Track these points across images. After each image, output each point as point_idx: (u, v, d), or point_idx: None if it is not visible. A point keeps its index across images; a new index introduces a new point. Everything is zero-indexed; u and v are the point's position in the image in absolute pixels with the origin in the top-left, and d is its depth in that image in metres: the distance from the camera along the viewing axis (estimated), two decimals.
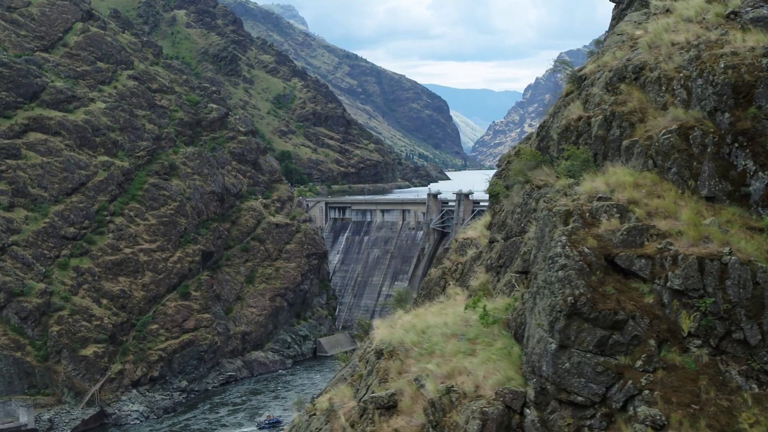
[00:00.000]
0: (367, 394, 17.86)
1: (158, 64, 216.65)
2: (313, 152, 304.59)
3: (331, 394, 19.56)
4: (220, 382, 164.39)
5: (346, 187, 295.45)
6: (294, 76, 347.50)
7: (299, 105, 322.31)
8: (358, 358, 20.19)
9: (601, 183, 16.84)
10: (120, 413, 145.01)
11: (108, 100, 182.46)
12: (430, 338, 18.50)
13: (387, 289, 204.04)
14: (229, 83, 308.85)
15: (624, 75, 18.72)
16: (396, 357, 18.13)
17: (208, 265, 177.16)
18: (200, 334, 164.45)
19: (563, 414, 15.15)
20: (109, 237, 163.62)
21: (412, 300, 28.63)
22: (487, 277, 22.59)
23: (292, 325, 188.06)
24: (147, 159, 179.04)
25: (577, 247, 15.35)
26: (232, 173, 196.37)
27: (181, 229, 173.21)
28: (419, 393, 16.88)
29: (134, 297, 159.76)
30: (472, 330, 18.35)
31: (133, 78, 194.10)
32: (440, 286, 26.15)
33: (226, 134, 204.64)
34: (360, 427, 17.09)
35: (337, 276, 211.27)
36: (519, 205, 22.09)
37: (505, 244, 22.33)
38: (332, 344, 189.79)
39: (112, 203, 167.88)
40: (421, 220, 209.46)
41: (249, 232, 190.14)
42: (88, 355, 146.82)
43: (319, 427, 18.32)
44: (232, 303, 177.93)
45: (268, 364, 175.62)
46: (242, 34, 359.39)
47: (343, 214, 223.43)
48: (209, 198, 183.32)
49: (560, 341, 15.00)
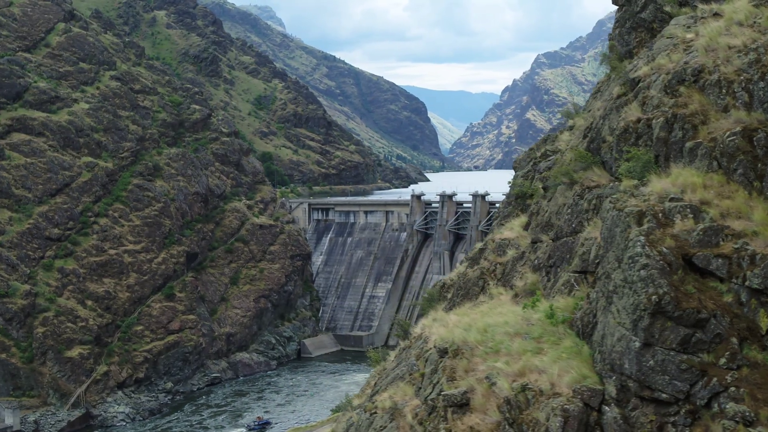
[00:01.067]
0: (433, 392, 18.04)
1: (140, 64, 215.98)
2: (294, 153, 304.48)
3: (389, 392, 19.71)
4: (206, 384, 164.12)
5: (327, 188, 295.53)
6: (274, 77, 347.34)
7: (280, 106, 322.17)
8: (415, 357, 20.34)
9: (668, 184, 17.10)
10: (106, 415, 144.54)
11: (91, 101, 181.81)
12: (493, 337, 18.70)
13: (370, 291, 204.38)
14: (210, 84, 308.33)
15: (683, 78, 19.00)
16: (461, 356, 18.32)
17: (193, 266, 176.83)
18: (185, 335, 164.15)
19: (645, 411, 15.39)
20: (93, 238, 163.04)
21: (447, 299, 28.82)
22: (535, 277, 22.82)
23: (276, 327, 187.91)
24: (131, 160, 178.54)
25: (656, 246, 15.60)
26: (216, 174, 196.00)
27: (165, 231, 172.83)
28: (491, 391, 17.07)
29: (119, 298, 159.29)
30: (535, 329, 18.58)
31: (116, 79, 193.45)
32: (479, 286, 26.35)
33: (209, 135, 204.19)
34: (431, 425, 17.26)
35: (320, 277, 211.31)
36: (569, 206, 22.31)
37: (555, 244, 22.55)
38: (316, 345, 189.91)
39: (96, 204, 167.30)
40: (404, 221, 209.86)
41: (233, 234, 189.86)
42: (73, 356, 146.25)
43: (384, 425, 18.46)
44: (217, 304, 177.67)
45: (253, 365, 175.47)
46: (222, 35, 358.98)
47: (326, 215, 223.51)
48: (193, 199, 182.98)
49: (644, 339, 15.25)
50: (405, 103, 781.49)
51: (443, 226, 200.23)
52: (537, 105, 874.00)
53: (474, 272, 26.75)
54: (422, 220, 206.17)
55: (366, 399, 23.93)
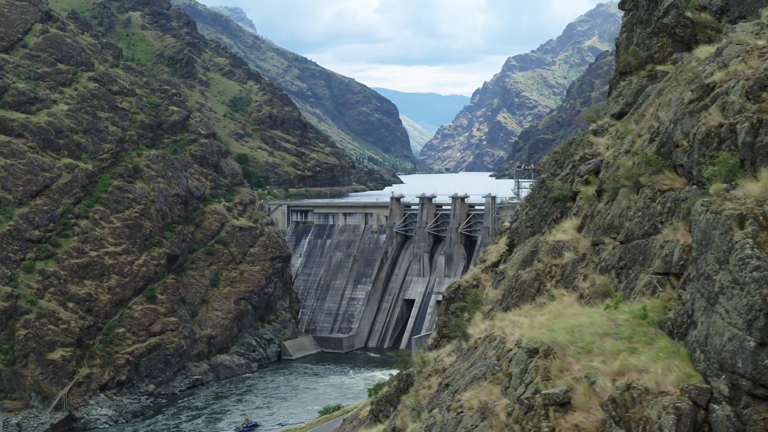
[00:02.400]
0: (527, 391, 18.34)
1: (118, 66, 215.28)
2: (269, 155, 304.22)
3: (473, 392, 19.99)
4: (187, 386, 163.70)
5: (303, 190, 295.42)
6: (249, 79, 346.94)
7: (255, 108, 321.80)
8: (496, 357, 20.63)
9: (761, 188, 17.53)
10: (89, 417, 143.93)
11: (70, 102, 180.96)
12: (581, 337, 19.05)
13: (350, 293, 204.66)
14: (185, 85, 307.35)
15: (765, 83, 19.47)
16: (553, 355, 18.64)
17: (173, 268, 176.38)
18: (167, 337, 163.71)
19: (758, 409, 15.79)
20: (74, 240, 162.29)
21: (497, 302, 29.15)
22: (603, 278, 23.20)
23: (256, 329, 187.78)
24: (111, 161, 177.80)
25: (764, 249, 16.04)
26: (195, 176, 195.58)
27: (146, 232, 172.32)
28: (591, 390, 17.41)
29: (100, 300, 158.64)
30: (623, 329, 18.94)
31: (94, 80, 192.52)
32: (534, 288, 26.68)
33: (188, 137, 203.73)
34: (529, 424, 17.56)
35: (299, 279, 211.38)
36: (639, 208, 22.73)
37: (625, 246, 22.95)
38: (297, 348, 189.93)
39: (76, 206, 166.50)
40: (383, 223, 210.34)
41: (213, 235, 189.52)
42: (55, 359, 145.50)
43: (474, 424, 18.73)
44: (197, 306, 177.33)
45: (234, 367, 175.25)
46: (196, 36, 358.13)
47: (305, 217, 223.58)
48: (173, 201, 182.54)
49: (760, 339, 15.66)
50: (376, 106, 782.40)
51: (423, 228, 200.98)
52: (508, 107, 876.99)
53: (528, 274, 27.08)
54: (401, 222, 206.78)
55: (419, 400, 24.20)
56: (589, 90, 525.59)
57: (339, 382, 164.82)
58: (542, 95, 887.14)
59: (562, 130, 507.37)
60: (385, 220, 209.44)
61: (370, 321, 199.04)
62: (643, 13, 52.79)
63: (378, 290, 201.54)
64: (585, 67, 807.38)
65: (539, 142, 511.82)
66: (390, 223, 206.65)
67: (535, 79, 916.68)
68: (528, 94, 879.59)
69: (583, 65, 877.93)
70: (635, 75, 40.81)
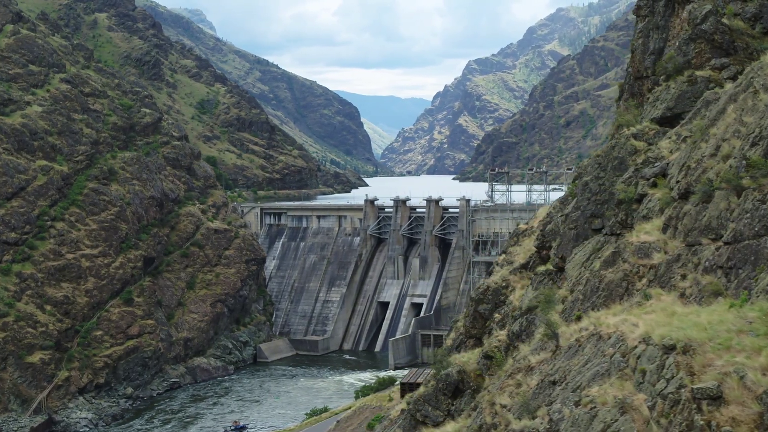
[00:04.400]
0: (669, 386, 18.92)
1: (89, 67, 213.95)
2: (238, 158, 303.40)
3: (602, 389, 20.54)
4: (165, 389, 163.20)
5: (271, 193, 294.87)
6: (216, 81, 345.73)
7: (223, 110, 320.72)
8: (620, 354, 21.20)
9: None
10: (69, 420, 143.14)
11: (44, 104, 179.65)
12: (716, 334, 19.70)
13: (324, 295, 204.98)
14: (153, 87, 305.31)
15: None
16: (692, 352, 19.26)
17: (149, 270, 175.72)
18: (144, 340, 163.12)
19: None
20: (50, 242, 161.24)
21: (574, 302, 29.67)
22: (709, 278, 23.87)
23: (232, 331, 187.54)
24: (86, 164, 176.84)
25: None
26: (169, 178, 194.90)
27: (122, 235, 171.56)
28: (742, 384, 18.03)
29: (78, 303, 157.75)
30: (758, 327, 19.61)
31: (66, 81, 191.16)
32: (622, 288, 27.28)
33: (160, 139, 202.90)
34: (679, 417, 18.14)
35: (273, 282, 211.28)
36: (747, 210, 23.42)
37: (734, 247, 23.66)
38: (272, 350, 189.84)
39: (52, 208, 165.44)
40: (357, 226, 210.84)
41: (188, 238, 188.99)
42: (34, 362, 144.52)
43: (614, 419, 19.30)
44: (174, 309, 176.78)
45: (211, 370, 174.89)
46: (162, 38, 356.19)
47: (278, 219, 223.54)
48: (149, 203, 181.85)
49: None
50: (338, 108, 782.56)
51: (397, 231, 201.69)
52: (469, 111, 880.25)
53: (615, 274, 27.65)
54: (375, 224, 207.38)
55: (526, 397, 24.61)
56: (552, 94, 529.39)
57: (319, 385, 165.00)
58: (503, 99, 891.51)
59: (526, 134, 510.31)
60: (359, 222, 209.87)
61: (344, 323, 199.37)
62: (660, 19, 53.77)
63: (352, 293, 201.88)
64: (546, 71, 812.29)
65: (503, 145, 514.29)
66: (364, 225, 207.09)
67: (496, 82, 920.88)
68: (489, 98, 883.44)
69: (543, 69, 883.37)
70: (672, 80, 41.57)
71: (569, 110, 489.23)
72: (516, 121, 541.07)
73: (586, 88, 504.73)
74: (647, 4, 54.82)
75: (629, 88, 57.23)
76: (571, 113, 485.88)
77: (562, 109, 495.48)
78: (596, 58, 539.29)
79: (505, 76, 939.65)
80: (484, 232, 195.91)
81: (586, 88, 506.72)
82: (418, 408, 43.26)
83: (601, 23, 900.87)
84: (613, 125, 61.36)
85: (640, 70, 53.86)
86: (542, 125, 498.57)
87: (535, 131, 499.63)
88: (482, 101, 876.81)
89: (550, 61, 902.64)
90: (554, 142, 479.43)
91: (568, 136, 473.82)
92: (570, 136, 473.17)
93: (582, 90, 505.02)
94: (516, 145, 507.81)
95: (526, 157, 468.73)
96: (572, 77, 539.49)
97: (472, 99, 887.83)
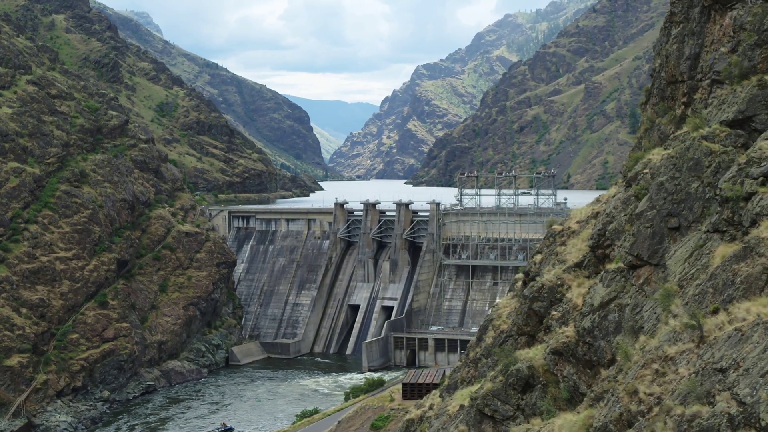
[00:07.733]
0: None
1: (55, 69, 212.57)
2: (198, 161, 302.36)
3: None
4: (140, 392, 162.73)
5: (232, 196, 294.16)
6: (175, 84, 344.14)
7: (182, 113, 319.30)
8: None
9: None
10: (48, 424, 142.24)
11: (13, 105, 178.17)
12: None
13: (294, 298, 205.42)
14: (112, 90, 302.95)
15: None
16: None
17: (122, 273, 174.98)
18: (120, 343, 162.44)
19: None
20: (24, 245, 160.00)
21: (694, 296, 30.80)
22: None
23: (204, 334, 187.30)
24: (57, 166, 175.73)
25: None
26: (139, 181, 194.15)
27: (95, 237, 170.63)
28: None
29: (53, 306, 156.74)
30: None
31: (33, 83, 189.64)
32: (762, 280, 28.49)
33: (127, 142, 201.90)
34: None
35: (242, 285, 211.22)
36: None
37: None
38: (245, 353, 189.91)
39: (25, 210, 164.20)
40: (326, 229, 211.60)
41: (159, 241, 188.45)
42: (12, 365, 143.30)
43: None
44: (147, 312, 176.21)
45: (185, 373, 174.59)
46: (119, 40, 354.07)
47: (246, 223, 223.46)
48: (121, 206, 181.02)
49: None
50: (288, 112, 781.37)
51: (367, 234, 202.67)
52: (418, 116, 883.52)
53: (753, 268, 28.91)
54: (345, 228, 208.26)
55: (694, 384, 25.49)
56: (504, 99, 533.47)
57: (297, 387, 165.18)
58: (452, 104, 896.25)
59: (479, 138, 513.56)
60: (329, 225, 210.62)
61: (315, 326, 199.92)
62: (695, 25, 55.35)
63: (323, 296, 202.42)
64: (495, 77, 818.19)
65: (456, 149, 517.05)
66: (334, 228, 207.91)
67: (444, 87, 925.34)
68: (438, 103, 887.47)
69: (492, 74, 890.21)
70: (737, 84, 43.11)
71: (522, 115, 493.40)
72: (468, 125, 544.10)
73: (539, 94, 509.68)
74: (682, 10, 56.28)
75: (659, 93, 58.62)
76: (524, 118, 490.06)
77: (515, 114, 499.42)
78: (548, 64, 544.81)
79: (454, 82, 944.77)
80: (455, 236, 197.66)
81: (538, 93, 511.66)
82: (487, 403, 44.25)
83: (549, 29, 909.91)
84: (640, 127, 62.93)
85: (675, 75, 55.30)
86: (495, 130, 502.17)
87: (488, 136, 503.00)
88: (431, 106, 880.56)
89: (498, 66, 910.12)
90: (507, 147, 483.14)
91: (522, 141, 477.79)
92: (523, 141, 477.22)
93: (534, 96, 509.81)
94: (469, 150, 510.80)
95: (480, 162, 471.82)
96: (524, 83, 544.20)
97: (421, 104, 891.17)
